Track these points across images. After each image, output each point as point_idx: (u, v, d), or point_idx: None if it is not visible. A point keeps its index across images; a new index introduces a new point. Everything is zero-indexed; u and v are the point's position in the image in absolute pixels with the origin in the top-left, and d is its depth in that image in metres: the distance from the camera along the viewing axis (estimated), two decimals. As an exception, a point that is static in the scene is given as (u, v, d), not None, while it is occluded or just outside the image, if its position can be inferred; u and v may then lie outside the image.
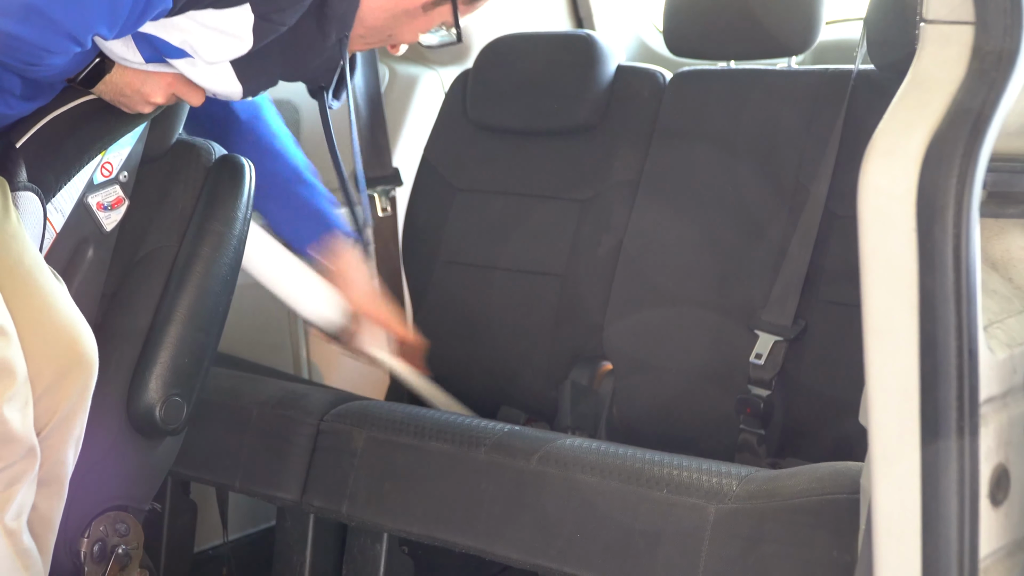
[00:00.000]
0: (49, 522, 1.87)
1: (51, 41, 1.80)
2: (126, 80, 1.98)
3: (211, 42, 1.90)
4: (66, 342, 1.83)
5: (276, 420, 2.31)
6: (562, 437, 2.11)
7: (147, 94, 2.00)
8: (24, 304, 1.80)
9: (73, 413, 1.84)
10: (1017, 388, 1.50)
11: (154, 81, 1.99)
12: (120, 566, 2.08)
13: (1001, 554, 1.49)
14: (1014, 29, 1.40)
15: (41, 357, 1.80)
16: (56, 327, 1.83)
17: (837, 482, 1.79)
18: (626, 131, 2.66)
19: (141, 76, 1.99)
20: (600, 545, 1.92)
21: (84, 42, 1.82)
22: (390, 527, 2.15)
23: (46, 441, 1.83)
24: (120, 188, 2.12)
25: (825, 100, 2.43)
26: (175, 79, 2.00)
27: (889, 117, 1.46)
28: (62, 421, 1.83)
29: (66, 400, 1.82)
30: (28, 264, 1.85)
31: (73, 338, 1.85)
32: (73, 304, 1.88)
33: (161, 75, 1.99)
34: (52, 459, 1.83)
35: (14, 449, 1.75)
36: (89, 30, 1.81)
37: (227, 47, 1.92)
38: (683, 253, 2.52)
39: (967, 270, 1.39)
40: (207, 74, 1.97)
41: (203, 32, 1.89)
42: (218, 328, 2.15)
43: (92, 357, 1.86)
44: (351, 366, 3.11)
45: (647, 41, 3.37)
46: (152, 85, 2.00)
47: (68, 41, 1.81)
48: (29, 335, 1.79)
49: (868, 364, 1.44)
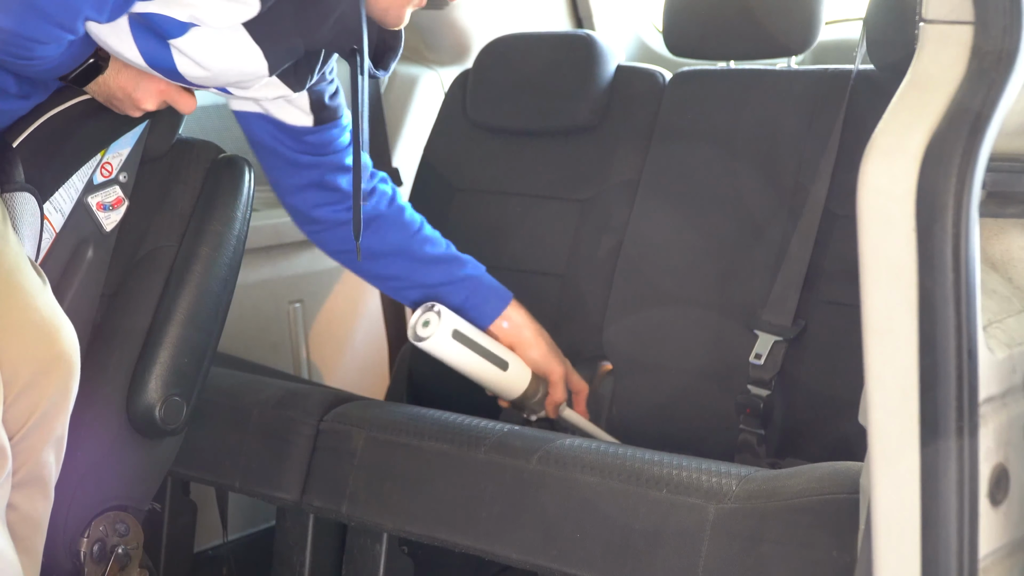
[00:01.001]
0: (36, 524, 1.85)
1: (39, 30, 1.77)
2: (119, 83, 1.97)
3: (217, 7, 1.86)
4: (45, 341, 1.80)
5: (276, 420, 2.31)
6: (562, 437, 2.11)
7: (138, 99, 1.99)
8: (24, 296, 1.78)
9: (53, 413, 1.82)
10: (1016, 388, 1.50)
11: (146, 87, 1.98)
12: (120, 566, 2.08)
13: (1001, 554, 1.49)
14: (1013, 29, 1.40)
15: (18, 357, 1.77)
16: (35, 326, 1.80)
17: (837, 482, 1.78)
18: (626, 131, 2.66)
19: (134, 80, 1.97)
20: (600, 545, 1.92)
21: (74, 28, 1.79)
22: (390, 527, 2.15)
23: (24, 442, 1.80)
24: (120, 188, 2.12)
25: (825, 100, 2.43)
26: (168, 87, 1.99)
27: (888, 117, 1.46)
28: (41, 421, 1.81)
29: (45, 400, 1.80)
30: (8, 264, 1.82)
31: (52, 337, 1.82)
32: (55, 302, 1.86)
33: (154, 80, 1.97)
34: (32, 460, 1.81)
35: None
36: (77, 14, 1.77)
37: (234, 11, 1.87)
38: (683, 253, 2.52)
39: (967, 270, 1.39)
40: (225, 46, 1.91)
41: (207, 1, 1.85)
42: (218, 328, 2.15)
43: (72, 356, 1.84)
44: (351, 366, 3.12)
45: (647, 41, 3.37)
46: (143, 91, 1.98)
47: (57, 29, 1.78)
48: (5, 335, 1.77)
49: (867, 364, 1.44)
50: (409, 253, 2.37)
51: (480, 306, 2.38)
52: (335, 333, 3.08)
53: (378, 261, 2.36)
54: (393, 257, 2.36)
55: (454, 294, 2.37)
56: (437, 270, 2.38)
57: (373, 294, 3.13)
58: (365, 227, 2.31)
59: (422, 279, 2.37)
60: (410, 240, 2.37)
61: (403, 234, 2.36)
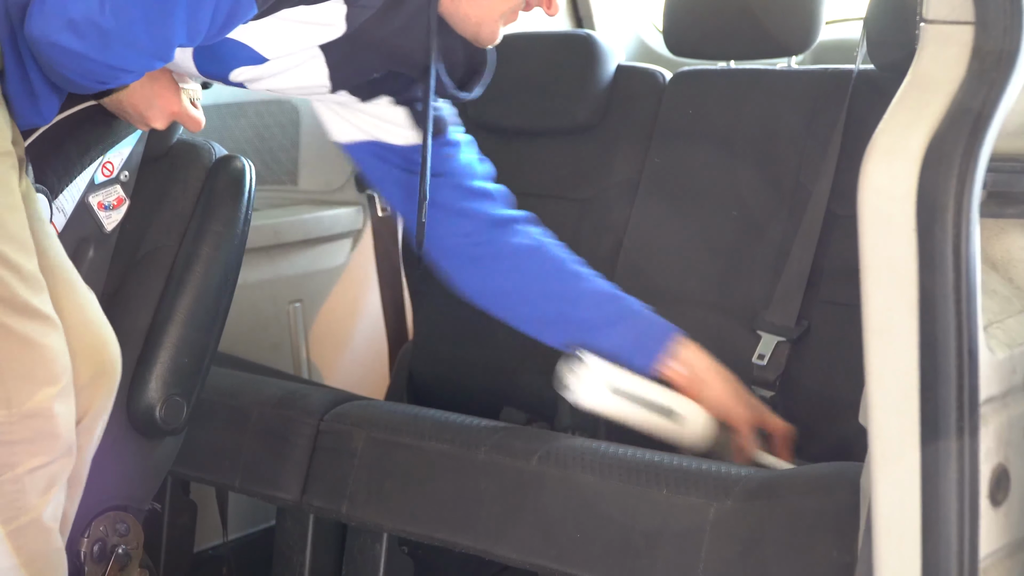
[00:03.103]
0: (68, 523, 1.87)
1: (134, 62, 1.79)
2: (132, 101, 1.99)
3: (300, 34, 1.85)
4: (98, 346, 1.83)
5: (276, 420, 2.30)
6: (562, 437, 2.11)
7: (148, 118, 2.01)
8: (64, 304, 1.79)
9: (98, 417, 1.84)
10: (1017, 388, 1.50)
11: (159, 108, 1.99)
12: (120, 566, 2.08)
13: (1001, 554, 1.49)
14: (1014, 29, 1.40)
15: (79, 358, 1.79)
16: (90, 330, 1.82)
17: (837, 482, 1.78)
18: (626, 131, 2.66)
19: (147, 100, 1.99)
20: (600, 545, 1.92)
21: (167, 56, 1.81)
22: (390, 527, 2.15)
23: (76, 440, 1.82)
24: (121, 188, 2.12)
25: (825, 100, 2.43)
26: (180, 108, 2.01)
27: (889, 117, 1.46)
28: (91, 424, 1.83)
29: (96, 402, 1.82)
30: (65, 266, 1.86)
31: (105, 343, 1.84)
32: (101, 310, 1.88)
33: (167, 101, 1.99)
34: (79, 460, 1.83)
35: (56, 445, 1.74)
36: (172, 44, 1.78)
37: (317, 34, 1.86)
38: (683, 253, 2.52)
39: (967, 270, 1.39)
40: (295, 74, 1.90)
41: (292, 27, 1.84)
42: (218, 328, 2.15)
43: (119, 364, 1.86)
44: (351, 366, 3.12)
45: (647, 41, 3.36)
46: (156, 112, 2.00)
47: (150, 58, 1.80)
48: (70, 335, 1.79)
49: (868, 364, 1.44)
50: (556, 292, 2.14)
51: (641, 347, 2.10)
52: (335, 333, 3.08)
53: (520, 302, 2.16)
54: (536, 297, 2.14)
55: (610, 335, 2.10)
56: (588, 309, 2.12)
57: (373, 294, 3.13)
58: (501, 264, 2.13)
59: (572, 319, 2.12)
60: (556, 277, 2.15)
61: (547, 271, 2.15)
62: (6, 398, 1.68)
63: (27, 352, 1.70)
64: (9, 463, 1.70)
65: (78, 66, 1.76)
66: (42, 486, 1.74)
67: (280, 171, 3.05)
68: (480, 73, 2.07)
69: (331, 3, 1.84)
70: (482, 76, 2.06)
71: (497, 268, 2.15)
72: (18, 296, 1.69)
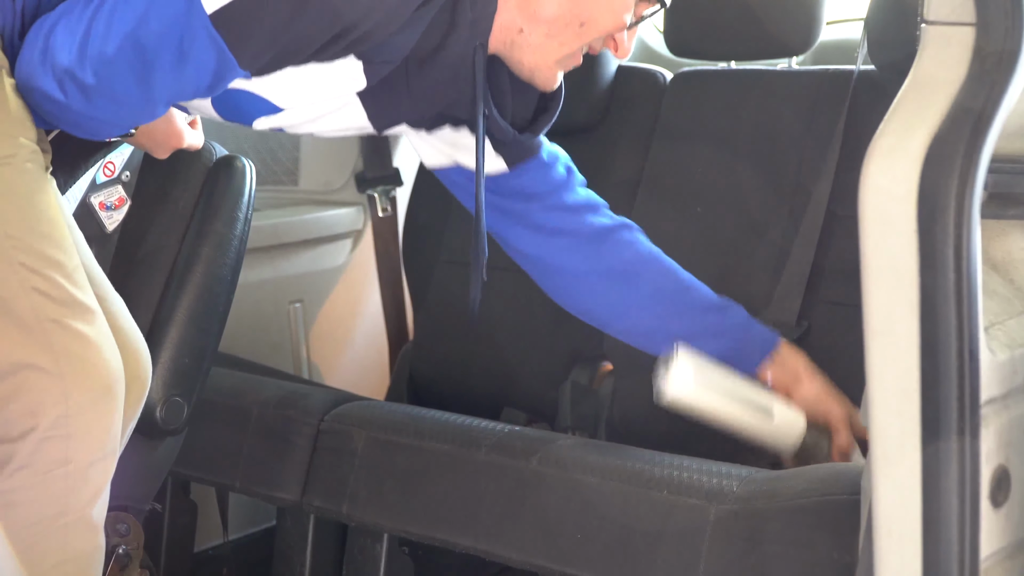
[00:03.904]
0: None
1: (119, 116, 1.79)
2: (139, 142, 2.03)
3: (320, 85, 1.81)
4: (131, 352, 1.82)
5: (276, 420, 2.30)
6: (562, 438, 2.11)
7: (151, 149, 2.06)
8: (106, 310, 1.79)
9: (128, 422, 1.83)
10: (1018, 389, 1.50)
11: (164, 146, 2.04)
12: (120, 566, 2.08)
13: (1002, 555, 1.49)
14: (1015, 30, 1.40)
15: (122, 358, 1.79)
16: (122, 337, 1.82)
17: (837, 483, 1.78)
18: (626, 131, 2.65)
19: (153, 141, 2.03)
20: (600, 545, 1.92)
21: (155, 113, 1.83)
22: (390, 527, 2.15)
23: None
24: (122, 188, 2.12)
25: (825, 100, 2.43)
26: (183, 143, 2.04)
27: (890, 118, 1.46)
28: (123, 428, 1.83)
29: (128, 409, 1.81)
30: (95, 271, 1.86)
31: (137, 350, 1.85)
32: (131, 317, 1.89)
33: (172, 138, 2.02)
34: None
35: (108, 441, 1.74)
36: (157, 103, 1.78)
37: (341, 86, 1.81)
38: (683, 253, 2.51)
39: (968, 271, 1.39)
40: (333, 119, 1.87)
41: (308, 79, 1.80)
42: (218, 328, 2.15)
43: (150, 371, 1.87)
44: (351, 366, 3.12)
45: (647, 41, 3.36)
46: (160, 148, 2.04)
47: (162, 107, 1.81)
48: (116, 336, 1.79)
49: (869, 365, 1.44)
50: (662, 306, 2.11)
51: (743, 357, 2.09)
52: (335, 333, 3.08)
53: (628, 315, 2.12)
54: (641, 309, 2.11)
55: (710, 345, 2.06)
56: (692, 321, 2.10)
57: (373, 294, 3.13)
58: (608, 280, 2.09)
59: (673, 331, 2.07)
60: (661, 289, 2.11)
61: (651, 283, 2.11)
62: (64, 392, 1.68)
63: (83, 347, 1.70)
64: (65, 458, 1.70)
65: (61, 114, 1.74)
66: (95, 483, 1.74)
67: (280, 171, 3.05)
68: (550, 111, 2.00)
69: (346, 60, 1.77)
70: (552, 114, 1.99)
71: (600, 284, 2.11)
72: (70, 294, 1.69)
